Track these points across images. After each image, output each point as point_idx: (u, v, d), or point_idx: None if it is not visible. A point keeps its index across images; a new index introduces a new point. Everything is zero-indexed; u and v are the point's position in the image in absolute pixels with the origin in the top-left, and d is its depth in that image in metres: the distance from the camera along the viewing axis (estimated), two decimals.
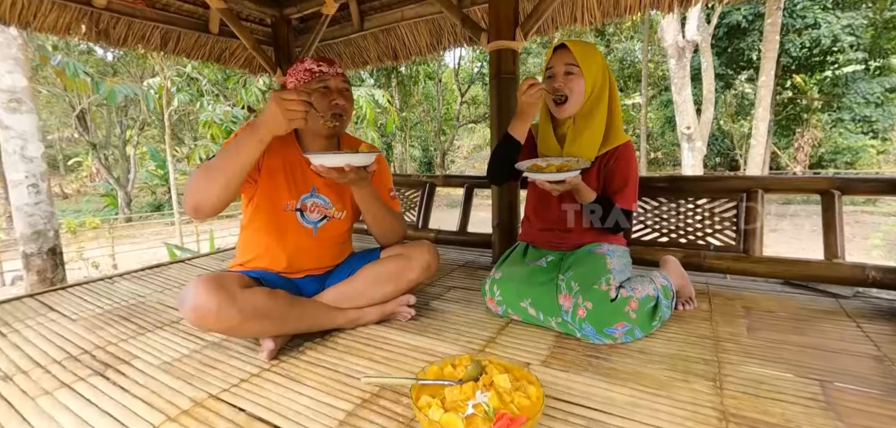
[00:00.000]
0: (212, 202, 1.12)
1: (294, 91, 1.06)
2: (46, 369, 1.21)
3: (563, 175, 1.24)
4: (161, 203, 15.14)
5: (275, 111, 1.04)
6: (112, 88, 6.51)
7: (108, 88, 6.42)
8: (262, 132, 1.07)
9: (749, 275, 1.77)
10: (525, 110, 1.41)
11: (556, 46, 1.44)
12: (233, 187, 1.12)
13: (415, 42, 2.81)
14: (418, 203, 2.61)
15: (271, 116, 1.05)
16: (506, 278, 1.47)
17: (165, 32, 2.56)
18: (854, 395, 1.01)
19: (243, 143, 1.09)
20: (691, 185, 1.89)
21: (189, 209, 1.14)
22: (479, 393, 0.82)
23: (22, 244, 3.06)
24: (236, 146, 1.10)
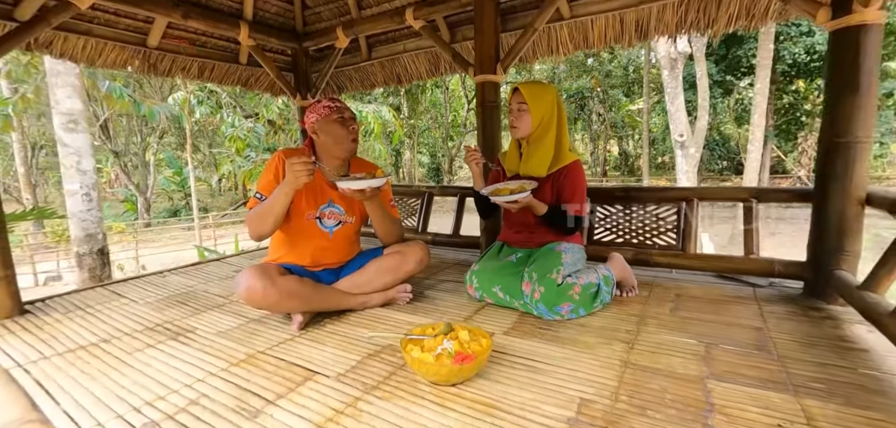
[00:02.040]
0: (268, 232, 1.65)
1: (299, 160, 1.48)
2: (133, 336, 1.63)
3: (515, 197, 1.64)
4: (178, 208, 15.78)
5: (289, 177, 1.51)
6: (151, 108, 7.13)
7: (148, 108, 7.04)
8: (286, 189, 1.55)
9: (688, 269, 2.14)
10: (473, 169, 1.91)
11: (513, 88, 1.84)
12: (279, 221, 1.63)
13: (415, 69, 3.22)
14: (418, 210, 3.02)
15: (289, 179, 1.51)
16: (482, 270, 1.87)
17: (202, 64, 3.01)
18: (726, 352, 1.37)
19: (278, 197, 1.57)
20: (640, 194, 2.26)
21: (253, 238, 1.66)
22: (445, 341, 1.21)
23: (75, 245, 3.53)
24: (275, 200, 1.57)
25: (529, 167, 1.86)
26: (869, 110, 1.70)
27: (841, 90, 1.71)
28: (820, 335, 1.50)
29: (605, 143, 22.54)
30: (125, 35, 2.54)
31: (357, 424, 1.04)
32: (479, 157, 1.88)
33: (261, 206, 1.63)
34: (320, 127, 1.75)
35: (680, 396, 1.13)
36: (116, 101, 5.70)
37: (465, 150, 1.88)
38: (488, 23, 2.38)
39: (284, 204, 1.58)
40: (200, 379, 1.28)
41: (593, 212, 2.40)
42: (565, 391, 1.16)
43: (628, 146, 23.04)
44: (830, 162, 1.76)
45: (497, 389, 1.17)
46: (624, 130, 21.45)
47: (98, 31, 2.43)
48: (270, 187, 1.68)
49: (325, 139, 1.76)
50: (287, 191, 1.54)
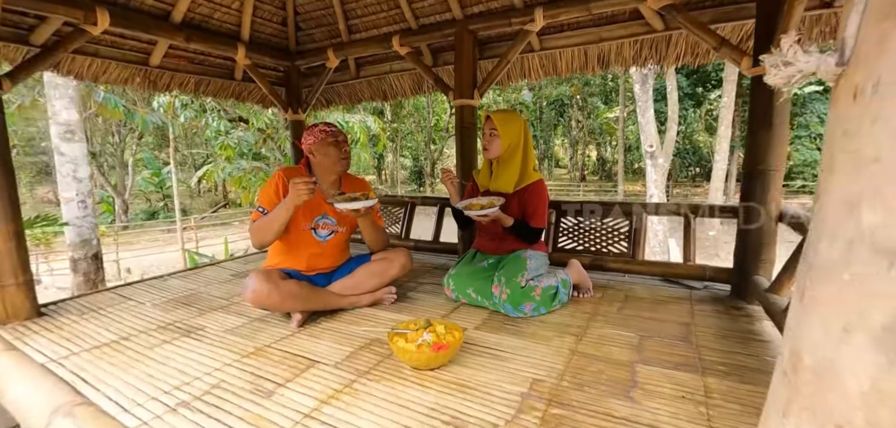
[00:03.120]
0: (270, 241, 1.90)
1: (301, 180, 1.72)
2: (148, 334, 1.84)
3: (485, 211, 1.92)
4: (155, 210, 15.50)
5: (292, 193, 1.75)
6: (143, 118, 7.19)
7: (141, 119, 7.10)
8: (288, 205, 1.78)
9: (637, 273, 2.47)
10: (449, 187, 2.19)
11: (486, 116, 2.13)
12: (281, 232, 1.87)
13: (400, 87, 3.48)
14: (402, 218, 3.28)
15: (292, 196, 1.75)
16: (458, 274, 2.14)
17: (199, 80, 3.19)
18: (656, 342, 1.69)
19: (281, 212, 1.80)
20: (598, 208, 2.59)
21: (256, 246, 1.90)
22: (425, 333, 1.48)
23: (71, 251, 3.63)
24: (278, 214, 1.81)
25: (499, 184, 2.15)
26: (780, 144, 2.06)
27: (758, 127, 2.06)
28: (734, 329, 1.83)
29: (583, 149, 23.26)
30: (129, 55, 2.71)
31: (354, 400, 1.29)
32: (453, 177, 2.16)
33: (264, 220, 1.86)
34: (317, 148, 1.99)
35: (612, 376, 1.43)
36: (111, 111, 5.74)
37: (442, 172, 2.16)
38: (467, 52, 2.66)
39: (286, 218, 1.81)
40: (217, 368, 1.51)
41: (558, 221, 2.71)
42: (522, 374, 1.44)
43: (606, 152, 23.83)
44: (751, 185, 2.11)
45: (467, 372, 1.45)
46: (602, 137, 22.19)
47: (104, 52, 2.59)
48: (272, 202, 1.91)
49: (321, 159, 2.00)
50: (289, 206, 1.78)
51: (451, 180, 2.19)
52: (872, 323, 0.40)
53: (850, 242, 0.42)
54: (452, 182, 2.19)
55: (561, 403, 1.27)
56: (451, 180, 2.19)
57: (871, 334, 0.40)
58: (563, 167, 27.62)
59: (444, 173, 2.19)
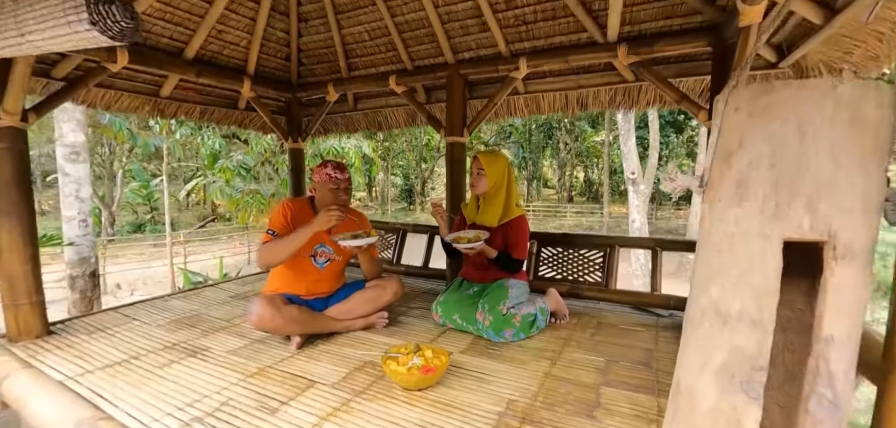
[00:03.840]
0: (279, 262, 2.06)
1: (335, 213, 1.91)
2: (156, 354, 1.97)
3: (472, 245, 2.13)
4: (142, 222, 15.34)
5: (322, 219, 1.92)
6: (146, 141, 7.37)
7: (143, 141, 7.27)
8: (314, 228, 1.95)
9: (610, 302, 2.69)
10: (438, 220, 2.39)
11: (474, 156, 2.35)
12: (291, 255, 2.01)
13: (395, 119, 3.71)
14: (394, 243, 3.46)
15: (322, 221, 1.92)
16: (445, 301, 2.33)
17: (204, 109, 3.37)
18: (620, 367, 1.89)
19: (303, 234, 1.96)
20: (575, 240, 2.82)
21: (263, 266, 2.04)
22: (414, 357, 1.66)
23: (69, 268, 3.70)
24: (298, 235, 1.96)
25: (484, 218, 2.36)
26: None
27: None
28: None
29: (571, 170, 23.83)
30: (141, 86, 2.88)
31: (350, 418, 1.46)
32: (442, 211, 2.36)
33: (278, 242, 2.02)
34: (319, 187, 2.18)
35: (580, 397, 1.62)
36: (116, 133, 5.87)
37: (432, 206, 2.37)
38: (458, 93, 2.91)
39: (305, 240, 1.98)
40: (224, 387, 1.66)
41: (539, 251, 2.93)
42: (500, 394, 1.63)
43: (593, 174, 24.45)
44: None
45: (452, 393, 1.63)
46: (589, 159, 22.80)
47: (119, 84, 2.77)
48: (282, 227, 2.09)
49: (321, 196, 2.19)
50: (314, 229, 1.95)
51: (440, 214, 2.39)
52: (715, 363, 0.60)
53: (705, 307, 0.62)
54: (442, 215, 2.40)
55: (532, 421, 1.46)
56: (440, 214, 2.39)
57: (714, 370, 0.59)
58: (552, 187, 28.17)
59: (434, 207, 2.40)
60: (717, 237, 0.61)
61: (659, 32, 2.43)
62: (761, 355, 0.55)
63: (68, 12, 0.90)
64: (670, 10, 2.35)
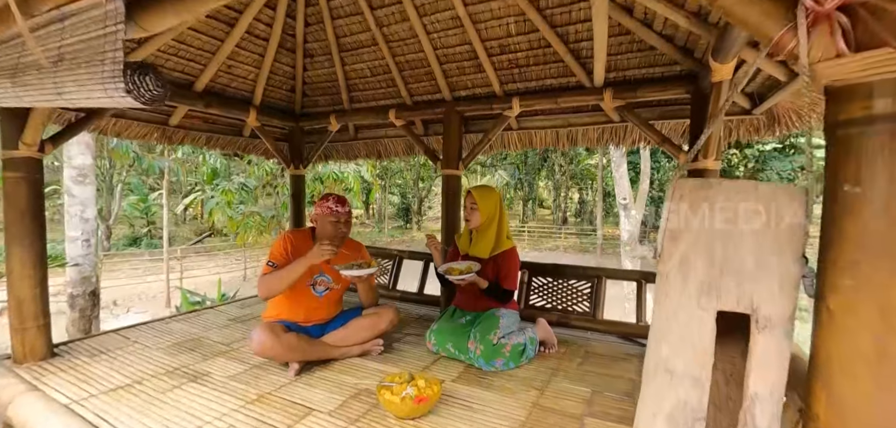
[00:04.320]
0: (278, 292, 2.14)
1: (328, 247, 2.01)
2: (159, 378, 2.04)
3: (463, 277, 2.24)
4: (139, 236, 15.31)
5: (315, 253, 2.03)
6: (151, 163, 7.52)
7: (149, 163, 7.43)
8: (310, 262, 2.05)
9: (598, 331, 2.79)
10: (433, 252, 2.51)
11: (467, 191, 2.48)
12: (290, 286, 2.11)
13: (394, 149, 3.86)
14: (391, 269, 3.56)
15: (315, 255, 2.03)
16: (439, 329, 2.42)
17: (209, 136, 3.50)
18: (605, 398, 1.98)
19: (299, 266, 2.06)
20: (564, 271, 2.93)
21: (262, 296, 2.12)
22: (408, 387, 1.75)
23: (70, 287, 3.76)
24: (295, 268, 2.06)
25: (476, 250, 2.48)
26: None
27: None
28: None
29: (566, 192, 24.13)
30: (151, 116, 3.01)
31: None
32: (437, 243, 2.49)
33: (278, 273, 2.12)
34: (320, 219, 2.29)
35: (564, 426, 1.71)
36: (122, 155, 6.00)
37: (427, 238, 2.49)
38: (454, 129, 3.06)
39: (301, 272, 2.08)
40: (226, 413, 1.73)
41: (530, 280, 3.04)
42: (489, 423, 1.72)
43: (587, 196, 24.76)
44: None
45: (443, 421, 1.71)
46: (583, 181, 23.13)
47: (130, 114, 2.89)
48: (282, 258, 2.19)
49: (322, 228, 2.30)
50: (309, 262, 2.05)
51: (435, 245, 2.51)
52: (664, 411, 0.70)
53: (657, 363, 0.73)
54: (436, 247, 2.51)
55: None
56: (435, 245, 2.51)
57: (664, 418, 0.70)
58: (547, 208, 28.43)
59: (430, 239, 2.52)
60: (667, 304, 0.73)
61: (642, 79, 2.60)
62: (701, 407, 0.66)
63: (106, 80, 1.02)
64: (652, 59, 2.53)
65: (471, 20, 2.60)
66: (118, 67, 0.96)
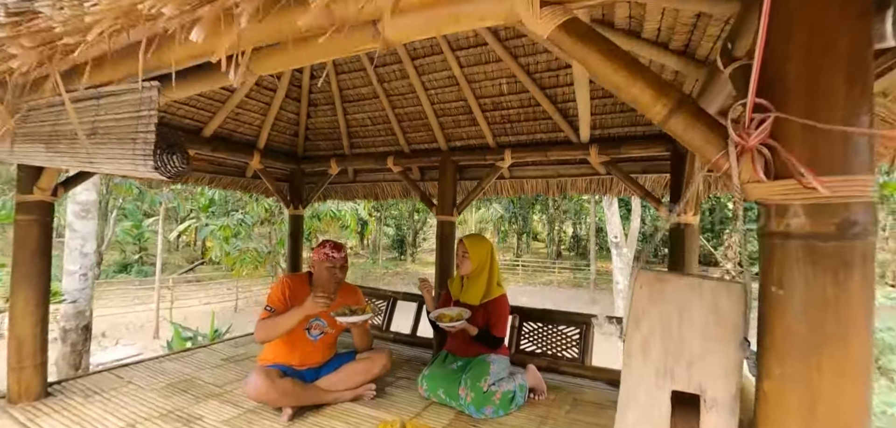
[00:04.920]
0: (275, 338, 2.21)
1: (322, 298, 2.10)
2: (152, 421, 2.07)
3: (453, 324, 2.32)
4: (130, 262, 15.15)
5: (309, 304, 2.10)
6: (153, 198, 7.64)
7: (151, 198, 7.55)
8: (305, 312, 2.12)
9: (587, 378, 2.85)
10: (426, 296, 2.60)
11: (460, 240, 2.60)
12: (286, 333, 2.17)
13: (390, 192, 4.01)
14: (385, 310, 3.62)
15: (309, 306, 2.10)
16: (430, 375, 2.48)
17: (213, 177, 3.62)
18: None
19: (295, 315, 2.13)
20: (554, 316, 3.02)
21: (260, 341, 2.19)
22: None
23: (63, 321, 3.76)
24: (291, 316, 2.13)
25: (467, 296, 2.57)
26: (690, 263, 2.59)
27: (675, 260, 2.60)
28: None
29: (559, 226, 24.38)
30: None
31: None
32: (429, 288, 2.59)
33: (275, 320, 2.18)
34: (317, 265, 2.39)
35: None
36: (126, 189, 6.12)
37: (420, 283, 2.58)
38: (449, 177, 3.21)
39: (297, 321, 2.15)
40: None
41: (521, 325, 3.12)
42: None
43: (581, 230, 25.00)
44: None
45: None
46: (577, 216, 23.41)
47: None
48: (280, 303, 2.26)
49: (318, 273, 2.39)
50: (305, 313, 2.13)
51: (427, 290, 2.60)
52: None
53: None
54: (429, 291, 2.60)
55: None
56: (427, 290, 2.60)
57: None
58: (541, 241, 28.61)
59: (422, 283, 2.62)
60: (630, 379, 0.83)
61: (625, 136, 2.79)
62: None
63: (137, 157, 1.14)
64: (633, 119, 2.72)
65: (466, 80, 2.80)
66: (149, 148, 1.08)
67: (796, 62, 0.72)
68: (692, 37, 1.63)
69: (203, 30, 0.84)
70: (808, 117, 0.69)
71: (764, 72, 0.76)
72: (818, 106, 0.70)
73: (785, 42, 0.74)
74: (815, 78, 0.71)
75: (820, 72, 0.70)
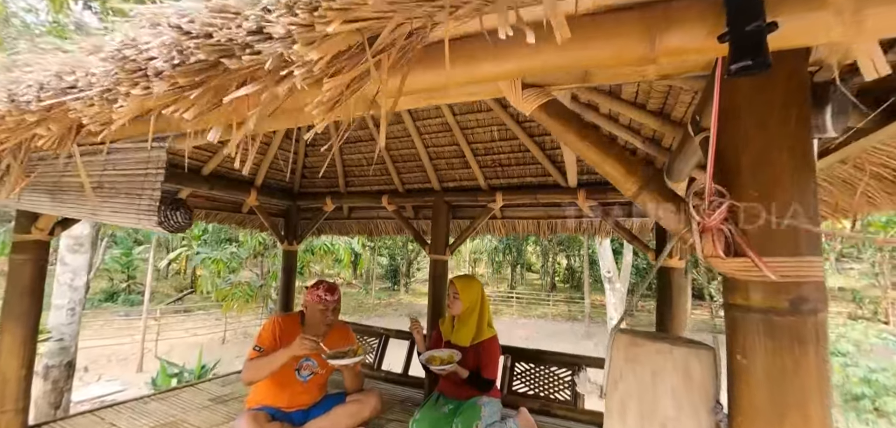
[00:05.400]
0: (262, 379, 2.18)
1: (309, 340, 2.11)
2: None
3: (444, 367, 2.33)
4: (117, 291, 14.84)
5: (296, 346, 2.10)
6: (148, 232, 7.61)
7: (145, 232, 7.53)
8: (293, 353, 2.12)
9: (579, 422, 2.84)
10: (416, 337, 2.61)
11: (450, 280, 2.64)
12: (273, 373, 2.16)
13: (384, 228, 4.07)
14: (376, 348, 3.61)
15: (296, 348, 2.11)
16: (422, 418, 2.46)
17: (209, 212, 3.66)
18: None
19: (282, 356, 2.13)
20: (545, 357, 3.03)
21: (246, 382, 2.17)
22: None
23: (46, 358, 3.67)
24: (278, 357, 2.13)
25: (458, 337, 2.59)
26: (680, 314, 2.64)
27: (663, 302, 2.66)
28: None
29: (553, 257, 24.42)
30: None
31: None
32: (420, 328, 2.60)
33: (262, 361, 2.17)
34: (310, 305, 2.40)
35: None
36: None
37: (411, 323, 2.60)
38: (442, 217, 3.28)
39: (283, 362, 2.14)
40: None
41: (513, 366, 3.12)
42: None
43: (575, 262, 25.04)
44: (664, 328, 2.64)
45: None
46: (571, 248, 23.50)
47: None
48: (269, 343, 2.26)
49: (311, 314, 2.41)
50: (290, 354, 2.12)
51: (418, 331, 2.61)
52: None
53: None
54: (419, 332, 2.62)
55: None
56: (418, 331, 2.61)
57: None
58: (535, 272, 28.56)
59: (413, 324, 2.63)
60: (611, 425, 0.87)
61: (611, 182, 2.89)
62: None
63: (142, 212, 1.19)
64: None
65: (459, 127, 2.92)
66: (155, 204, 1.14)
67: (747, 152, 0.81)
68: (667, 101, 1.75)
69: (217, 132, 0.93)
70: (759, 203, 0.77)
71: (721, 157, 0.85)
72: (767, 193, 0.78)
73: (737, 132, 0.83)
74: (764, 167, 0.79)
75: (768, 162, 0.79)
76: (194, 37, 0.85)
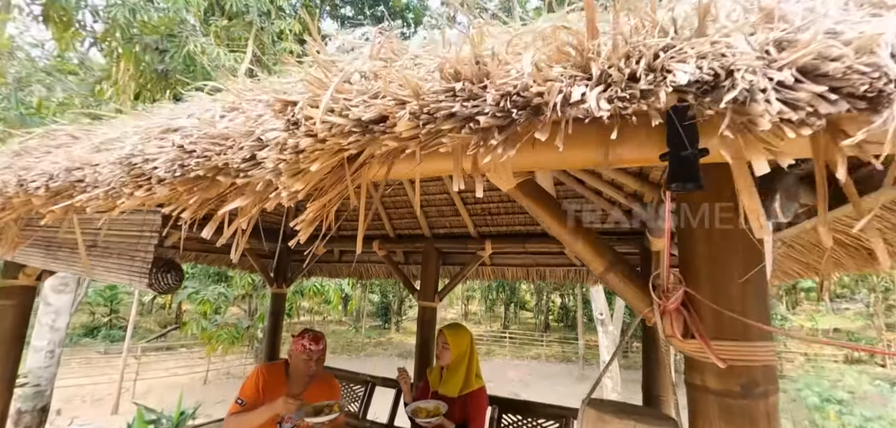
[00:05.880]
0: None
1: (292, 402, 2.10)
2: None
3: (430, 420, 2.31)
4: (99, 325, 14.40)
5: (279, 405, 2.09)
6: None
7: None
8: (274, 411, 2.10)
9: None
10: (403, 386, 2.61)
11: (439, 330, 2.65)
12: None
13: (375, 272, 4.08)
14: (362, 396, 3.54)
15: (279, 407, 2.09)
16: None
17: (198, 254, 3.67)
18: None
19: (264, 414, 2.11)
20: (533, 408, 3.01)
21: None
22: None
23: (19, 402, 3.53)
24: (260, 415, 2.11)
25: (446, 388, 2.57)
26: (664, 375, 2.65)
27: (648, 351, 2.69)
28: None
29: (548, 296, 24.29)
30: None
31: None
32: (407, 378, 2.60)
33: (243, 417, 2.14)
34: (294, 355, 2.39)
35: None
36: None
37: (398, 373, 2.59)
38: (432, 264, 3.33)
39: (265, 420, 2.12)
40: None
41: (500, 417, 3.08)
42: None
43: (569, 301, 24.91)
44: (650, 379, 2.65)
45: None
46: (565, 287, 23.43)
47: None
48: (251, 396, 2.23)
49: (295, 364, 2.39)
50: (272, 412, 2.10)
51: (405, 381, 2.60)
52: None
53: None
54: (406, 382, 2.61)
55: None
56: (405, 381, 2.60)
57: None
58: (529, 310, 28.28)
59: (400, 374, 2.62)
60: None
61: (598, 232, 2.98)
62: None
63: (134, 273, 1.23)
64: (604, 216, 2.93)
65: None
66: (147, 267, 1.18)
67: (700, 243, 0.89)
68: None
69: (211, 230, 1.00)
70: (711, 291, 0.84)
71: (680, 245, 0.92)
72: (719, 284, 0.85)
73: (692, 223, 0.91)
74: (715, 259, 0.87)
75: (717, 255, 0.86)
76: (195, 156, 0.94)
